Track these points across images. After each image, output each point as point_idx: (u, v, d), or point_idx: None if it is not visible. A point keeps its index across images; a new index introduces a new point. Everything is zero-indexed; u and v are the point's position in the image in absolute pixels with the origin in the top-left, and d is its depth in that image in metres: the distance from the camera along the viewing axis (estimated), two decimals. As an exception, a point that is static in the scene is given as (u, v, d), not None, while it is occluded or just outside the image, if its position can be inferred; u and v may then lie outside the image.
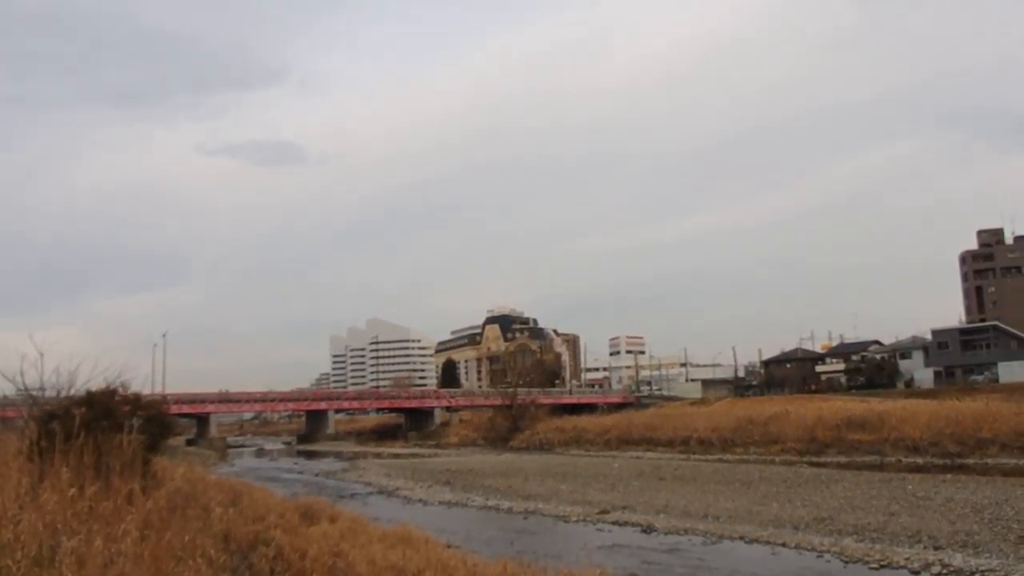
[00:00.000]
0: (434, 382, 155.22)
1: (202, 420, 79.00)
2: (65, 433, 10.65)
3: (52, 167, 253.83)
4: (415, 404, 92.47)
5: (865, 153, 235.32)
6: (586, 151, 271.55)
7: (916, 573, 15.74)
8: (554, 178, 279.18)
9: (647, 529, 22.52)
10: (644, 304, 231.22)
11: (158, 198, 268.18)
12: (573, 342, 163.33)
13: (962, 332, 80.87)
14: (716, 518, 23.61)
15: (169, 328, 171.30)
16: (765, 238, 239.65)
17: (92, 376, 15.67)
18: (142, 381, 19.86)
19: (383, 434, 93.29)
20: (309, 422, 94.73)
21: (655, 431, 60.25)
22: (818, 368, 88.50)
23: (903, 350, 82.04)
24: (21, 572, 6.49)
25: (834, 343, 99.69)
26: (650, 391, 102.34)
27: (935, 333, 79.97)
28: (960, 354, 76.55)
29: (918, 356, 78.88)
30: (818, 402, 60.00)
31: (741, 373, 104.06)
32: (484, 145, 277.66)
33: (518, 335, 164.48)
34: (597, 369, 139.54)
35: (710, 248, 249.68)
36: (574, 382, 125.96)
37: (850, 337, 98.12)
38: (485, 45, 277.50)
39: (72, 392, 15.20)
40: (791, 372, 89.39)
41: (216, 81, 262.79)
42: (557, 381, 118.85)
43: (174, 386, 77.69)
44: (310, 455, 71.93)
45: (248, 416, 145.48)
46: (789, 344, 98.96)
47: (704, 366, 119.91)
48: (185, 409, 72.69)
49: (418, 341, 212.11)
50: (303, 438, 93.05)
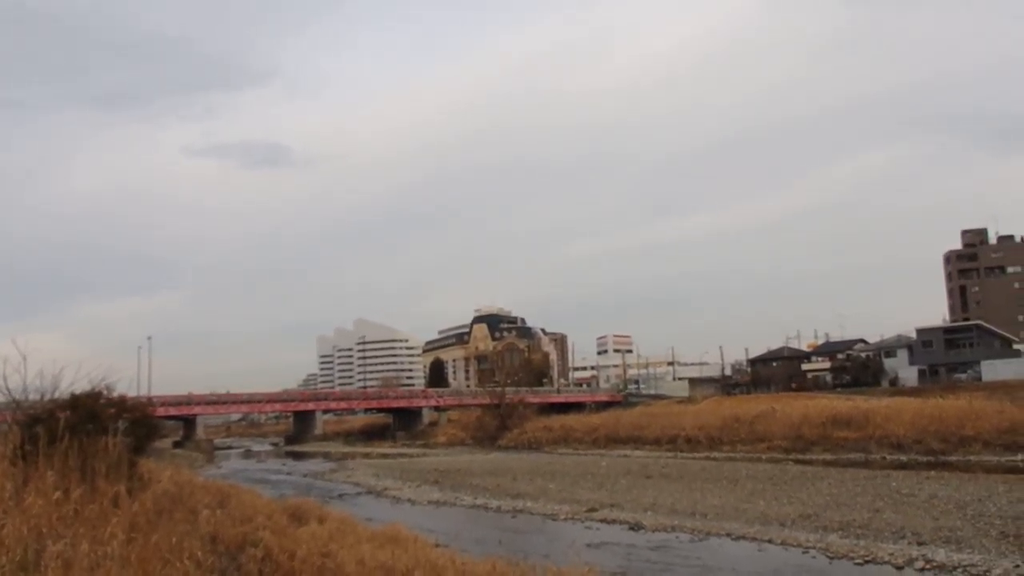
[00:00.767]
0: (422, 382, 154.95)
1: (189, 422, 78.60)
2: (49, 436, 10.59)
3: (41, 170, 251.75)
4: (403, 404, 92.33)
5: (857, 155, 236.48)
6: (585, 151, 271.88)
7: (900, 568, 15.88)
8: (552, 178, 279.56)
9: (635, 527, 22.61)
10: (632, 304, 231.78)
11: (149, 200, 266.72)
12: (561, 341, 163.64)
13: (946, 331, 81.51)
14: (703, 515, 23.73)
15: (157, 332, 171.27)
16: (755, 239, 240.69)
17: (76, 379, 15.60)
18: (128, 384, 19.74)
19: (371, 434, 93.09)
20: (297, 423, 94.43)
21: (643, 430, 60.40)
22: (804, 367, 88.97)
23: (888, 349, 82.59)
24: (6, 577, 6.48)
25: (820, 342, 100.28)
26: (638, 390, 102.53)
27: (920, 332, 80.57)
28: (944, 353, 77.14)
29: (903, 355, 79.40)
30: (804, 400, 60.19)
31: (728, 372, 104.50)
32: (483, 145, 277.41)
33: (506, 334, 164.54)
34: (585, 368, 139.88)
35: (698, 249, 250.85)
36: (562, 381, 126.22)
37: (836, 336, 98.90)
38: (484, 45, 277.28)
39: (56, 395, 15.12)
40: (778, 371, 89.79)
41: (210, 82, 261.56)
42: (545, 380, 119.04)
43: (162, 390, 77.48)
44: (298, 456, 71.72)
45: (235, 418, 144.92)
46: (776, 343, 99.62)
47: (691, 365, 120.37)
48: (171, 411, 72.36)
49: (405, 341, 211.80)
50: (291, 439, 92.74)
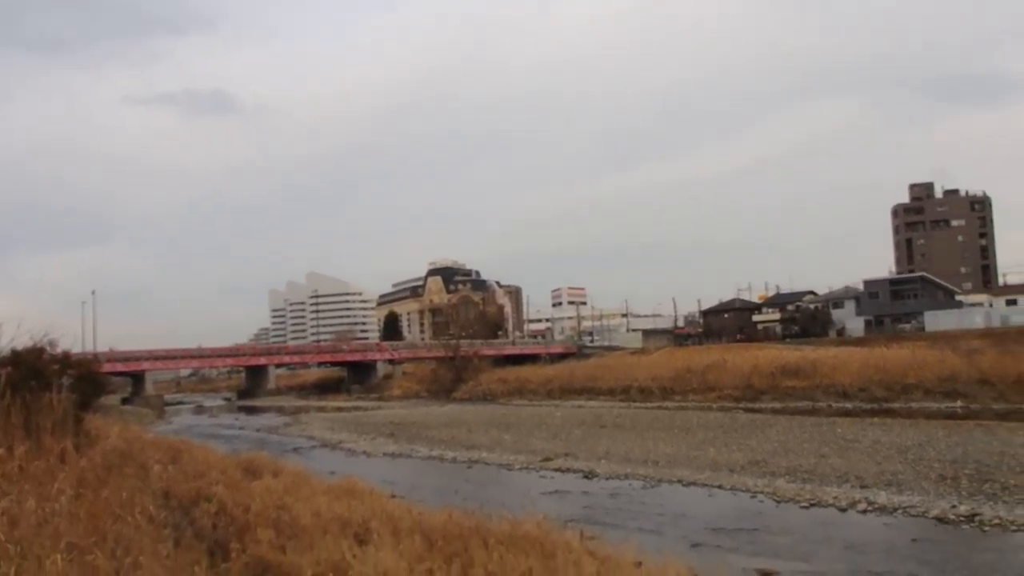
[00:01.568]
0: (376, 335, 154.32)
1: (137, 378, 77.33)
2: (-11, 393, 10.29)
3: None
4: (357, 357, 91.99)
5: (808, 110, 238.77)
6: (538, 100, 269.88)
7: (843, 511, 16.39)
8: (506, 130, 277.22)
9: (589, 475, 22.94)
10: (586, 257, 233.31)
11: (89, 151, 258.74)
12: (516, 294, 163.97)
13: (892, 283, 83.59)
14: (655, 463, 24.16)
15: (103, 289, 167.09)
16: (707, 194, 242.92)
17: (17, 336, 15.11)
18: (73, 341, 19.15)
19: (325, 388, 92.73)
20: (249, 378, 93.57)
21: (596, 380, 61.18)
22: (755, 318, 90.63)
23: (836, 300, 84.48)
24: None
25: (771, 294, 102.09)
26: (592, 341, 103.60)
27: (867, 284, 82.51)
28: (890, 304, 79.19)
29: (850, 306, 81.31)
30: (754, 351, 61.25)
31: (681, 323, 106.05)
32: (436, 98, 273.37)
33: (460, 287, 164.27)
34: (540, 321, 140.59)
35: (650, 203, 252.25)
36: (517, 333, 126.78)
37: (786, 288, 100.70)
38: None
39: (-5, 353, 14.63)
40: (729, 322, 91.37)
41: (153, 27, 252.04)
42: (500, 332, 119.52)
43: (108, 346, 75.90)
44: (251, 411, 71.22)
45: (186, 373, 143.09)
46: (728, 295, 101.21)
47: (645, 317, 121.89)
48: (119, 367, 71.03)
49: (359, 294, 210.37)
50: (243, 394, 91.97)
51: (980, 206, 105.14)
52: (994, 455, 21.90)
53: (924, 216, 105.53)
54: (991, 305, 76.24)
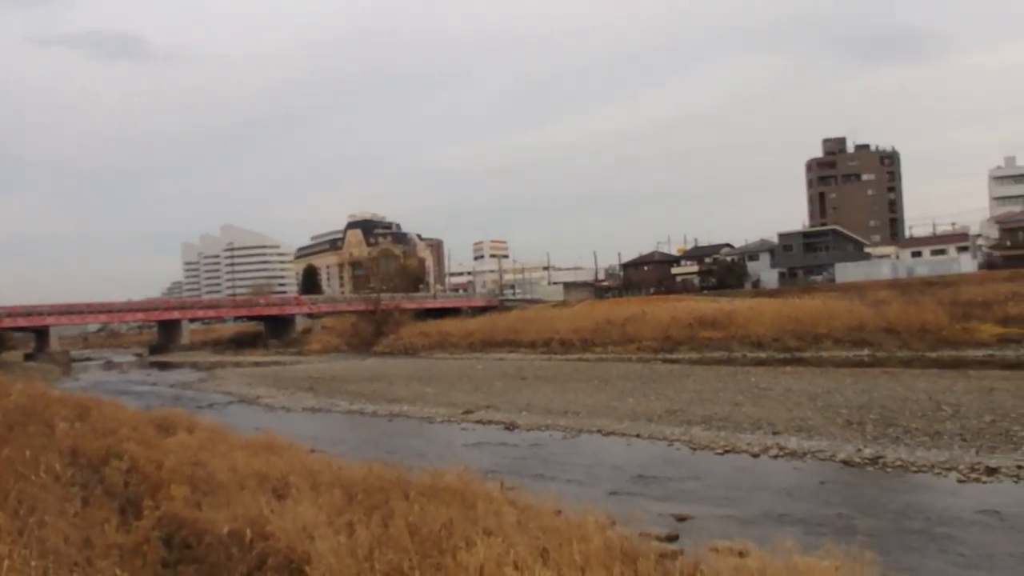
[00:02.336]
0: (294, 289, 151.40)
1: (41, 333, 74.34)
2: None
3: None
4: (275, 311, 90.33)
5: (726, 64, 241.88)
6: (455, 62, 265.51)
7: (756, 456, 16.97)
8: (421, 86, 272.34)
9: (510, 427, 23.15)
10: (508, 211, 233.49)
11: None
12: (437, 247, 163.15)
13: (805, 236, 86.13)
14: (576, 414, 24.52)
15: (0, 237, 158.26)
16: (627, 148, 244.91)
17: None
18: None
19: (242, 343, 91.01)
20: (161, 333, 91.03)
21: (518, 333, 61.60)
22: (674, 270, 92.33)
23: (752, 252, 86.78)
24: None
25: (689, 247, 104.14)
26: (513, 295, 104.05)
27: (781, 237, 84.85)
28: (803, 256, 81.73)
29: (765, 258, 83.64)
30: (673, 303, 62.48)
31: (602, 276, 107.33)
32: (352, 48, 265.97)
33: (381, 240, 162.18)
34: (461, 274, 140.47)
35: (571, 157, 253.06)
36: (438, 287, 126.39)
37: (704, 241, 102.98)
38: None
39: None
40: (648, 275, 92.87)
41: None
42: (421, 286, 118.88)
43: (10, 301, 72.53)
44: (164, 367, 69.36)
45: (94, 328, 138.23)
46: (647, 248, 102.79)
47: (566, 270, 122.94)
48: (20, 322, 68.22)
49: (276, 247, 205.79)
50: (155, 349, 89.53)
51: (889, 161, 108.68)
52: (898, 400, 22.94)
53: (836, 170, 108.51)
54: (898, 257, 79.23)
